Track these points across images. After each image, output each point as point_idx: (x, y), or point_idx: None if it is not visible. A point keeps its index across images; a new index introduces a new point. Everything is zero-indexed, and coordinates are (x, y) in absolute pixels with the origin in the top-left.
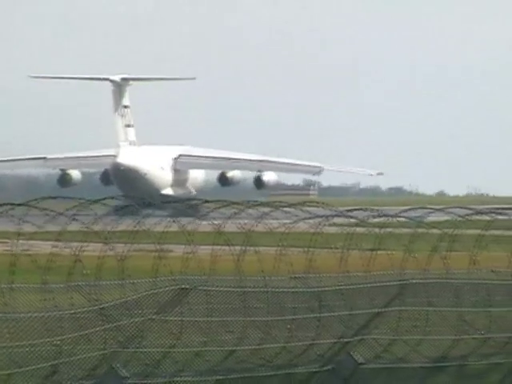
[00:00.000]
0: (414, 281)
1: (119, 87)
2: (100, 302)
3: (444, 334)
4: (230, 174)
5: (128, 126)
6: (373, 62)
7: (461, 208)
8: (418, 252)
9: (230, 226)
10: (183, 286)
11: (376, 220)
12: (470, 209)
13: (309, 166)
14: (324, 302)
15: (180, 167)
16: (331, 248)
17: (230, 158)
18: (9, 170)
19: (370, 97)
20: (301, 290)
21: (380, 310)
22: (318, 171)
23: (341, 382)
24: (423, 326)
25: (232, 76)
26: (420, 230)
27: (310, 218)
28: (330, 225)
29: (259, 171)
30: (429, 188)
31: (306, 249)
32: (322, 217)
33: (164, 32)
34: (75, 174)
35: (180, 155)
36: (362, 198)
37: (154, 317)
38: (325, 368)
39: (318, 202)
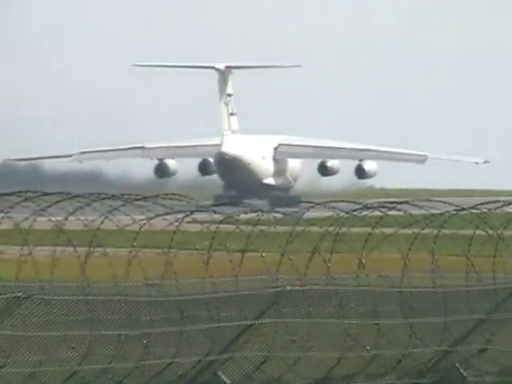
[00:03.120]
0: (291, 288)
1: (223, 75)
2: None
3: (326, 350)
4: (330, 163)
5: (231, 114)
6: None
7: (345, 202)
8: (296, 254)
9: (72, 224)
10: (16, 294)
11: (247, 216)
12: (356, 203)
13: (413, 154)
14: (186, 312)
15: (280, 156)
16: (193, 249)
17: (329, 147)
18: (105, 161)
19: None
20: (158, 298)
21: (252, 323)
22: (423, 160)
23: None
24: (302, 340)
25: (338, 65)
26: (298, 228)
27: (167, 214)
28: (191, 221)
29: (360, 160)
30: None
31: (163, 250)
32: (182, 212)
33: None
34: (172, 163)
35: (280, 144)
36: None
37: None
38: None
39: (177, 195)
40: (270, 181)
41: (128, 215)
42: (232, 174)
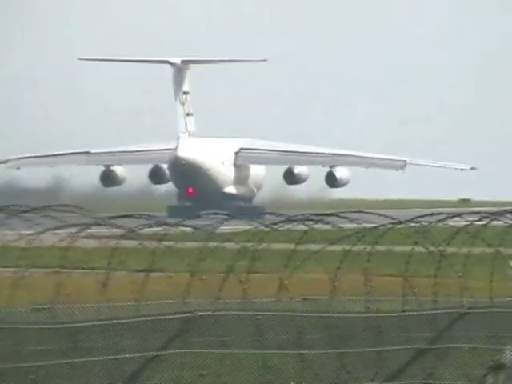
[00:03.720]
0: (202, 313)
1: (179, 71)
2: None
3: None
4: (297, 169)
5: (188, 114)
6: None
7: (267, 214)
8: (208, 274)
9: None
10: None
11: (152, 230)
12: (278, 214)
13: (390, 159)
14: (80, 342)
15: (241, 162)
16: (89, 268)
17: (296, 152)
18: (48, 167)
19: None
20: (48, 326)
21: (156, 354)
22: (402, 166)
23: None
24: (214, 375)
25: (304, 61)
26: (211, 244)
27: (59, 228)
28: (87, 237)
29: (331, 166)
30: None
31: (53, 269)
32: (76, 226)
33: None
34: (120, 170)
35: (241, 148)
36: None
37: None
38: None
39: (72, 206)
40: (230, 189)
41: (14, 230)
42: (188, 181)
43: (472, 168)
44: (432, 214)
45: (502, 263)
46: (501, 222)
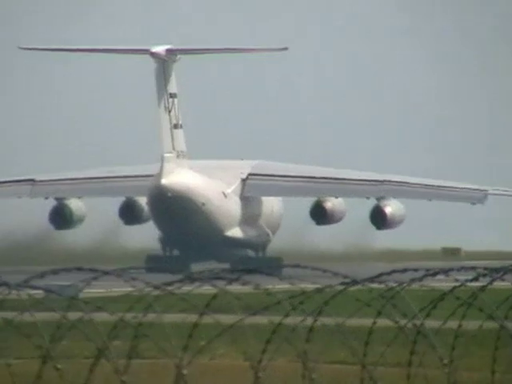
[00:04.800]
0: None
1: (163, 65)
2: None
3: None
4: (330, 203)
5: (176, 126)
6: None
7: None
8: (67, 360)
9: None
10: None
11: None
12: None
13: (466, 189)
14: None
15: (251, 193)
16: None
17: (329, 178)
18: None
19: None
20: None
21: None
22: (481, 197)
23: None
24: None
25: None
26: (72, 315)
27: None
28: None
29: (379, 199)
30: None
31: None
32: None
33: None
34: (77, 205)
35: (250, 174)
36: None
37: None
38: None
39: None
40: (235, 232)
41: None
42: (176, 220)
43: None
44: (404, 271)
45: (509, 343)
46: (508, 283)
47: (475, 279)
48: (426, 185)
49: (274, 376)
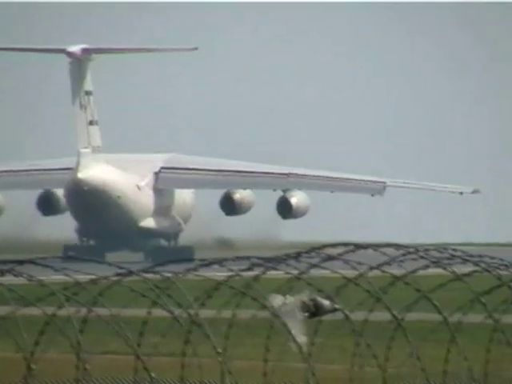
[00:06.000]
0: None
1: (79, 64)
2: None
3: None
4: (239, 195)
5: (91, 123)
6: None
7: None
8: None
9: None
10: None
11: None
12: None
13: (366, 181)
14: None
15: (164, 185)
16: None
17: (238, 172)
18: None
19: None
20: None
21: None
22: (380, 189)
23: None
24: None
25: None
26: None
27: None
28: None
29: (285, 191)
30: None
31: None
32: None
33: None
34: None
35: (162, 168)
36: None
37: None
38: None
39: None
40: (148, 223)
41: None
42: (92, 212)
43: (475, 191)
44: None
45: (280, 332)
46: (281, 272)
47: (249, 269)
48: (329, 177)
49: (47, 367)
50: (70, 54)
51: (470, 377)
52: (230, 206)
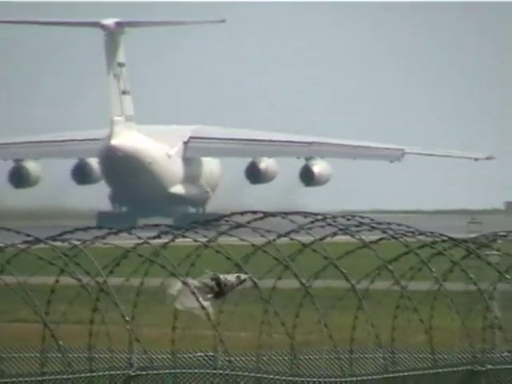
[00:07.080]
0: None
1: (112, 36)
2: None
3: None
4: (264, 164)
5: (124, 92)
6: None
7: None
8: None
9: None
10: None
11: None
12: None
13: (384, 149)
14: None
15: (192, 154)
16: None
17: (263, 141)
18: None
19: None
20: None
21: None
22: (398, 156)
23: None
24: None
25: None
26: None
27: None
28: None
29: (307, 159)
30: None
31: None
32: None
33: None
34: (33, 167)
35: (191, 137)
36: None
37: None
38: None
39: None
40: (178, 189)
41: None
42: (125, 178)
43: (489, 157)
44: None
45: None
46: (190, 240)
47: (158, 237)
48: (350, 145)
49: None
50: (104, 27)
51: (377, 343)
52: (255, 175)
